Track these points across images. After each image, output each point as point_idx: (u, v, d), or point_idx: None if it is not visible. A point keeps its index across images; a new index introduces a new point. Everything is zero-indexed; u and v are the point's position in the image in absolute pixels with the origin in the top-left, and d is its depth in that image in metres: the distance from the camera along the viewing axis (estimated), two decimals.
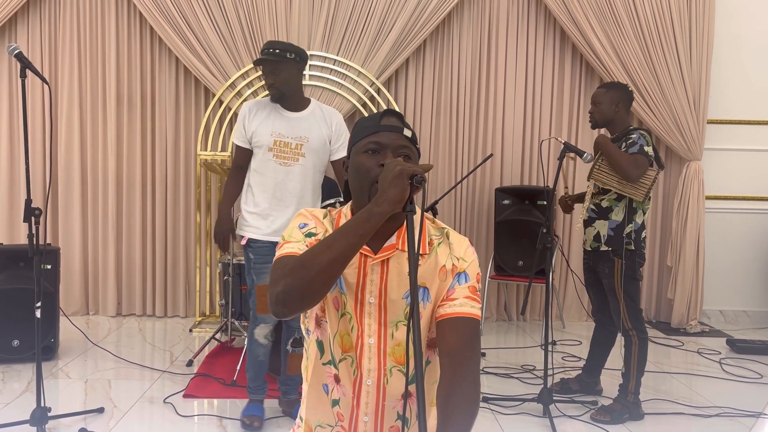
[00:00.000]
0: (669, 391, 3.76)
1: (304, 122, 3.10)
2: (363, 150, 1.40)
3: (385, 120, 1.43)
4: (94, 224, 4.99)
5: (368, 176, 1.38)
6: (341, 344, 1.41)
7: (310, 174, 3.11)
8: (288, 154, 3.06)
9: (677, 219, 5.11)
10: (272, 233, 3.06)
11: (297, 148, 3.07)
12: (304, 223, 1.44)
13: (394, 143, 1.39)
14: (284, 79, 3.03)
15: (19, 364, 3.84)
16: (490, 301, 5.17)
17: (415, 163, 1.42)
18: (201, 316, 4.95)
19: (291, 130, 3.06)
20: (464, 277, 1.41)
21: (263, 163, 3.06)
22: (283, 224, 3.05)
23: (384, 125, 1.41)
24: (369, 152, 1.40)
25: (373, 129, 1.41)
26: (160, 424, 3.12)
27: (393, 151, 1.39)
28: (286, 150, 3.05)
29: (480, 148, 5.13)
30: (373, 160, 1.38)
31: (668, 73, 4.93)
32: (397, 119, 1.43)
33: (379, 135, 1.40)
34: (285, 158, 3.06)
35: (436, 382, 1.41)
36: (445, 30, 5.06)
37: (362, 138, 1.42)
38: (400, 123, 1.43)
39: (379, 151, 1.39)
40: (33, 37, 4.87)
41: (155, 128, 4.98)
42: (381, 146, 1.39)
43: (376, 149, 1.39)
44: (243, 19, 4.77)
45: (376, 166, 1.37)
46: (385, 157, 1.38)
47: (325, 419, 1.47)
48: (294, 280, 1.25)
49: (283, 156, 3.06)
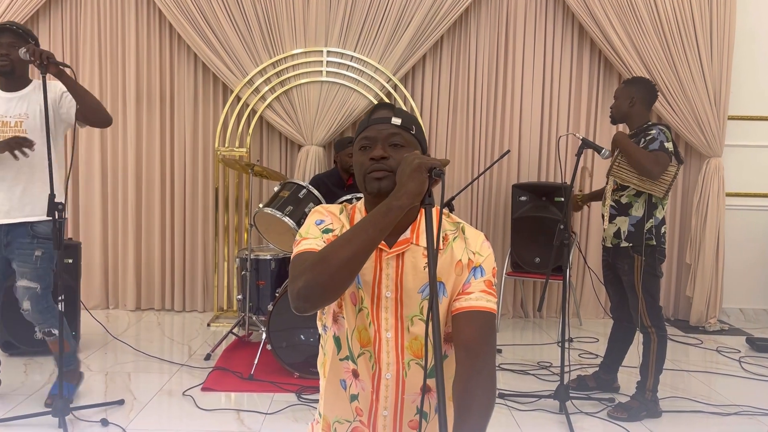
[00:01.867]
0: (687, 389, 3.73)
1: (23, 100, 3.05)
2: (358, 147, 1.45)
3: (375, 114, 1.46)
4: (114, 220, 5.05)
5: (361, 171, 1.42)
6: (359, 339, 1.42)
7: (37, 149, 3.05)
8: (8, 134, 3.01)
9: (696, 216, 5.07)
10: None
11: (17, 125, 3.03)
12: (320, 219, 1.45)
13: (382, 134, 1.42)
14: (16, 58, 2.98)
15: (41, 356, 3.90)
16: (506, 298, 5.16)
17: (416, 148, 1.44)
18: (219, 311, 5.00)
19: (10, 110, 3.01)
20: (480, 271, 1.42)
21: None
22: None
23: (373, 119, 1.44)
24: (362, 149, 1.44)
25: (364, 125, 1.46)
26: (180, 416, 3.16)
27: (383, 143, 1.41)
28: (5, 129, 3.01)
29: (497, 144, 5.11)
30: (365, 156, 1.42)
31: (688, 68, 4.88)
32: (387, 110, 1.45)
33: (368, 130, 1.44)
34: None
35: (453, 376, 1.42)
36: (462, 25, 5.05)
37: (357, 136, 1.47)
38: (389, 113, 1.44)
39: (370, 146, 1.43)
40: (54, 34, 4.94)
41: (174, 125, 5.03)
42: (370, 140, 1.43)
43: (367, 145, 1.43)
44: (261, 16, 4.79)
45: (368, 161, 1.41)
46: (375, 150, 1.41)
47: (343, 415, 1.48)
48: (315, 275, 1.26)
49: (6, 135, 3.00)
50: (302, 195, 3.83)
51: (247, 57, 4.81)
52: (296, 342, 3.62)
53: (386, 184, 1.37)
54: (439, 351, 1.20)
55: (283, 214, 3.72)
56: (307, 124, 4.85)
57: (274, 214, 3.73)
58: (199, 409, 3.24)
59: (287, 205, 3.77)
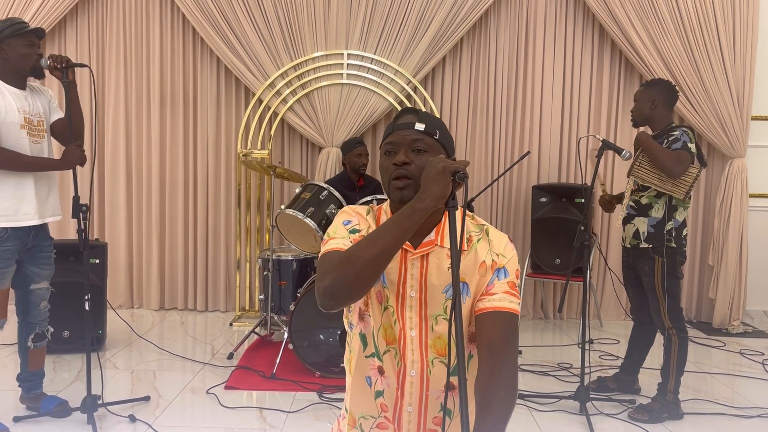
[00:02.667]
0: (710, 392, 3.71)
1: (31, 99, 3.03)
2: (383, 152, 1.49)
3: (400, 119, 1.49)
4: (138, 221, 5.14)
5: (385, 176, 1.46)
6: (385, 337, 1.46)
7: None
8: (37, 133, 3.01)
9: (719, 217, 5.03)
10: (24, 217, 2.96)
11: (39, 124, 3.04)
12: (348, 220, 1.49)
13: (406, 140, 1.45)
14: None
15: (69, 354, 3.99)
16: (526, 299, 5.16)
17: (439, 152, 1.47)
18: (241, 311, 5.06)
19: (27, 107, 2.98)
20: (503, 272, 1.44)
21: (16, 140, 2.89)
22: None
23: (398, 125, 1.48)
24: (386, 154, 1.47)
25: (388, 131, 1.50)
26: (204, 413, 3.22)
27: (406, 148, 1.44)
28: (30, 127, 2.97)
29: (517, 145, 5.12)
30: (389, 161, 1.46)
31: (711, 69, 4.84)
32: (412, 116, 1.49)
33: (393, 135, 1.47)
34: (36, 137, 2.98)
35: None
36: (482, 28, 5.07)
37: (383, 140, 1.51)
38: (413, 118, 1.48)
39: (394, 151, 1.46)
40: (81, 39, 5.05)
41: (197, 127, 5.11)
42: (395, 146, 1.46)
43: (391, 150, 1.47)
44: (282, 20, 4.85)
45: (391, 166, 1.44)
46: (399, 155, 1.44)
47: (368, 411, 1.52)
48: (341, 273, 1.30)
49: (35, 134, 2.98)
50: (323, 197, 3.88)
51: (268, 60, 4.88)
52: (317, 342, 3.66)
53: (408, 194, 1.41)
54: (462, 351, 1.23)
55: (305, 215, 3.77)
56: (327, 127, 4.90)
57: (296, 215, 3.78)
58: (222, 406, 3.30)
59: (309, 206, 3.82)
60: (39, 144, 2.99)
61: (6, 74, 2.92)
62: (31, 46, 2.92)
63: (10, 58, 2.89)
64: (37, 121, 3.00)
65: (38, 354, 3.17)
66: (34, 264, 3.06)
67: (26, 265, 3.02)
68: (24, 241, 2.96)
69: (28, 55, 2.91)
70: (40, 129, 3.00)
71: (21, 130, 2.89)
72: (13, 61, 2.89)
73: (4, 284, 2.89)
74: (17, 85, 2.95)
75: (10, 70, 2.92)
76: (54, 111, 3.14)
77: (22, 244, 2.96)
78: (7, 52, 2.88)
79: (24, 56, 2.90)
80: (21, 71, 2.94)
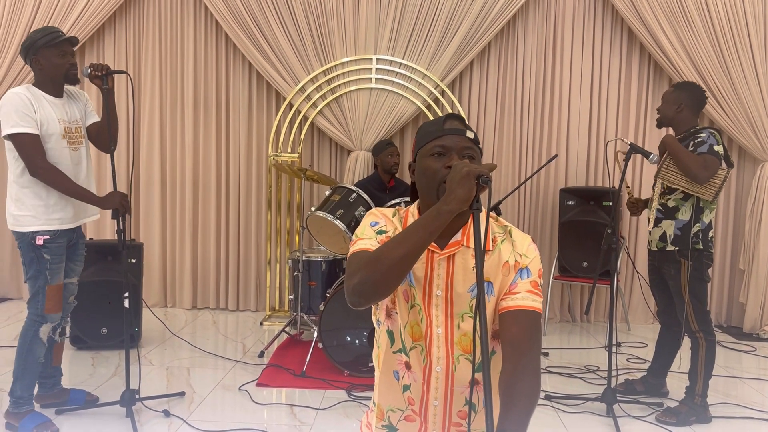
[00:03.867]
0: (740, 396, 3.69)
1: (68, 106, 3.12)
2: (429, 153, 1.50)
3: (448, 124, 1.53)
4: (172, 222, 5.29)
5: (435, 178, 1.48)
6: (411, 334, 1.52)
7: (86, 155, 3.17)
8: (76, 140, 3.10)
9: (750, 221, 4.97)
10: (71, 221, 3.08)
11: (77, 131, 3.11)
12: (375, 221, 1.55)
13: (458, 145, 1.49)
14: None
15: (107, 350, 4.13)
16: (553, 302, 5.17)
17: (479, 162, 1.52)
18: (271, 310, 5.17)
19: (65, 115, 3.07)
20: (526, 272, 1.49)
21: (58, 150, 3.00)
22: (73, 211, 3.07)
23: (448, 129, 1.51)
24: (435, 155, 1.50)
25: (437, 133, 1.52)
26: (236, 409, 3.32)
27: (458, 153, 1.48)
28: (69, 136, 3.06)
29: (545, 148, 5.14)
30: (440, 163, 1.48)
31: (741, 70, 4.80)
32: (459, 122, 1.53)
33: (443, 139, 1.50)
34: (75, 144, 3.08)
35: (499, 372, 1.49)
36: (510, 31, 5.10)
37: (428, 142, 1.52)
38: (462, 126, 1.53)
39: (445, 153, 1.49)
40: (119, 46, 5.21)
41: (229, 131, 5.23)
42: (446, 149, 1.49)
43: (441, 152, 1.49)
44: (312, 26, 4.95)
45: (443, 168, 1.47)
46: (451, 159, 1.48)
47: (396, 404, 1.58)
48: (369, 273, 1.37)
49: (74, 142, 3.08)
50: (352, 199, 3.95)
51: (299, 65, 4.98)
52: (346, 341, 3.73)
53: None
54: (486, 348, 1.28)
55: (335, 217, 3.85)
56: (356, 130, 4.98)
57: (326, 217, 3.86)
58: (254, 403, 3.39)
59: (338, 208, 3.90)
60: (78, 150, 3.10)
61: (44, 83, 3.01)
62: (64, 56, 3.00)
63: (45, 68, 2.98)
64: (75, 128, 3.10)
65: (60, 348, 3.30)
66: (71, 260, 3.19)
67: (65, 261, 3.14)
68: (70, 239, 3.11)
69: (61, 65, 2.99)
70: (78, 135, 3.12)
71: (62, 140, 3.00)
72: (47, 70, 2.98)
73: (59, 278, 3.03)
74: (55, 93, 3.04)
75: (47, 79, 3.01)
76: (90, 115, 3.24)
77: (69, 241, 3.11)
78: (42, 62, 2.97)
79: (57, 66, 2.98)
80: (56, 79, 3.03)
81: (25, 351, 2.98)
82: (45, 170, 2.91)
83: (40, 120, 2.93)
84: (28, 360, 2.98)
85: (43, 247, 2.95)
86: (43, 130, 2.94)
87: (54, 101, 3.03)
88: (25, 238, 2.96)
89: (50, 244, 2.97)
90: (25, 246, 2.97)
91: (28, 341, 2.98)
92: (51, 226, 2.98)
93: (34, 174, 2.92)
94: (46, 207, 2.97)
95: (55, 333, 3.16)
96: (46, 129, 2.95)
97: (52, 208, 2.99)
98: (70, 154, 3.05)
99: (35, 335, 2.98)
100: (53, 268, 2.99)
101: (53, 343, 3.19)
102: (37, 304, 2.98)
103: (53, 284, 2.99)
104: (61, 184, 2.96)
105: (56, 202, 3.00)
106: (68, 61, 3.02)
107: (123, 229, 3.06)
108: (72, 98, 3.16)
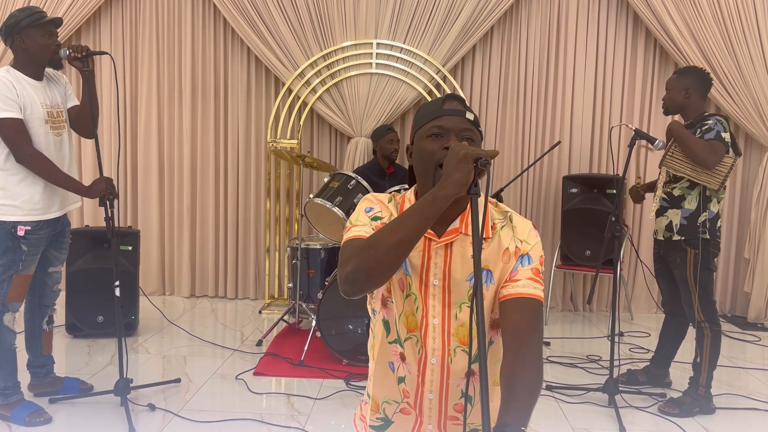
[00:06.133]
0: (744, 387, 3.63)
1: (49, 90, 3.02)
2: (426, 135, 1.43)
3: (447, 104, 1.45)
4: (170, 209, 5.23)
5: (432, 160, 1.41)
6: (406, 324, 1.46)
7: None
8: (58, 124, 3.00)
9: (756, 209, 4.90)
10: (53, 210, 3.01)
11: (59, 115, 3.01)
12: (370, 207, 1.49)
13: (457, 126, 1.41)
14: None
15: (103, 338, 4.09)
16: (555, 291, 5.12)
17: (478, 145, 1.44)
18: (270, 299, 5.12)
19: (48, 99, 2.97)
20: (527, 259, 1.43)
21: (42, 135, 2.90)
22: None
23: (446, 109, 1.43)
24: (432, 136, 1.42)
25: (436, 114, 1.44)
26: (233, 398, 3.28)
27: (456, 135, 1.41)
28: (51, 120, 2.96)
29: (547, 135, 5.06)
30: (437, 144, 1.41)
31: (749, 56, 4.71)
32: (459, 103, 1.45)
33: (441, 119, 1.42)
34: (58, 128, 2.98)
35: (499, 361, 1.44)
36: (512, 16, 5.01)
37: (425, 123, 1.45)
38: (462, 107, 1.45)
39: (443, 135, 1.42)
40: (115, 31, 5.13)
41: (228, 117, 5.16)
42: (444, 130, 1.42)
43: (439, 133, 1.42)
44: (312, 10, 4.86)
45: (440, 150, 1.40)
46: (449, 140, 1.40)
47: (391, 396, 1.52)
48: (362, 260, 1.30)
49: (57, 127, 2.98)
50: (351, 186, 3.89)
51: (298, 50, 4.90)
52: (345, 330, 3.69)
53: None
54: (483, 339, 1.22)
55: (333, 204, 3.79)
56: (356, 116, 4.91)
57: (324, 204, 3.80)
58: (251, 392, 3.35)
59: (337, 195, 3.84)
60: (60, 135, 3.00)
61: (25, 65, 2.89)
62: (50, 36, 2.89)
63: (29, 49, 2.86)
64: (57, 112, 2.99)
65: (50, 337, 3.23)
66: (56, 248, 3.10)
67: (48, 250, 3.05)
68: (53, 229, 3.02)
69: (47, 46, 2.88)
70: (60, 120, 3.01)
71: (45, 124, 2.90)
72: (32, 51, 2.86)
73: (31, 269, 2.94)
74: (35, 76, 2.92)
75: (29, 60, 2.88)
76: (70, 98, 3.12)
77: (51, 232, 3.02)
78: (27, 42, 2.85)
79: (43, 47, 2.87)
80: (40, 62, 2.91)
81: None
82: (32, 157, 2.83)
83: (23, 104, 2.82)
84: (0, 351, 2.91)
85: (23, 237, 2.87)
86: (27, 114, 2.83)
87: (35, 84, 2.91)
88: (4, 227, 2.86)
89: (30, 235, 2.88)
90: (3, 234, 2.86)
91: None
92: (34, 217, 2.89)
93: (21, 161, 2.83)
94: (30, 196, 2.88)
95: (42, 322, 3.12)
96: (29, 113, 2.84)
97: (38, 197, 2.90)
98: (53, 139, 2.95)
99: (1, 325, 2.89)
100: (28, 259, 2.90)
101: (42, 333, 3.15)
102: (0, 292, 2.89)
103: (23, 274, 2.91)
104: (48, 172, 2.87)
105: (42, 190, 2.91)
106: (54, 42, 2.92)
107: (112, 216, 2.97)
108: (52, 81, 3.04)
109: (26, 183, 2.88)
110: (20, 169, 2.86)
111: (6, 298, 2.89)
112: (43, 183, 2.91)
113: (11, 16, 2.88)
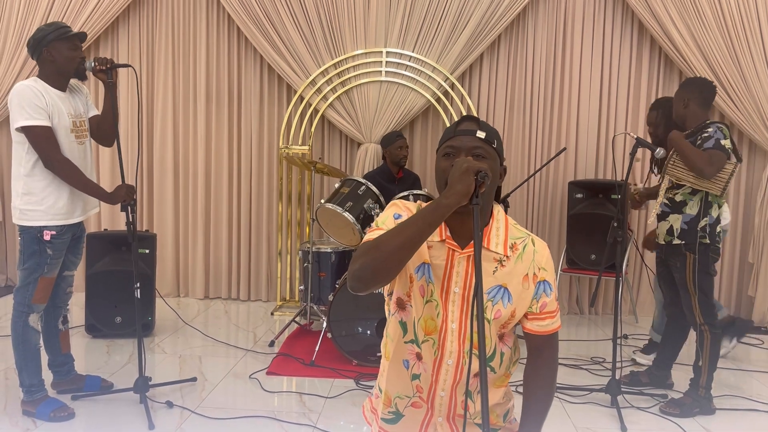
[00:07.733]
0: (745, 389, 3.71)
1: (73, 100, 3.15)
2: (442, 154, 1.58)
3: (461, 126, 1.59)
4: (185, 213, 5.37)
5: (443, 176, 1.55)
6: (425, 327, 1.57)
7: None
8: (81, 133, 3.12)
9: (760, 214, 4.97)
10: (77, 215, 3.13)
11: (81, 124, 3.14)
12: (398, 214, 1.61)
13: (467, 145, 1.54)
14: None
15: (121, 339, 4.22)
16: (561, 295, 5.20)
17: (493, 161, 1.56)
18: (281, 301, 5.24)
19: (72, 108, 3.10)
20: (548, 287, 1.59)
21: (67, 144, 3.03)
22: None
23: (459, 130, 1.57)
24: (446, 155, 1.57)
25: (450, 135, 1.58)
26: (247, 397, 3.39)
27: (466, 153, 1.54)
28: (75, 130, 3.09)
29: (553, 141, 5.15)
30: (448, 162, 1.55)
31: (753, 64, 4.78)
32: (472, 123, 1.58)
33: (454, 140, 1.56)
34: (81, 137, 3.11)
35: (508, 368, 1.66)
36: (519, 24, 5.11)
37: (442, 144, 1.60)
38: (474, 126, 1.57)
39: (454, 154, 1.55)
40: (132, 39, 5.28)
41: (241, 123, 5.29)
42: (455, 149, 1.55)
43: (451, 153, 1.56)
44: (323, 19, 4.99)
45: (450, 167, 1.53)
46: (458, 158, 1.53)
47: (404, 391, 1.64)
48: (368, 259, 1.42)
49: (80, 135, 3.11)
50: (361, 191, 4.01)
51: (309, 58, 5.02)
52: (355, 332, 3.79)
53: None
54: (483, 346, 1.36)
55: (344, 209, 3.91)
56: (366, 123, 5.02)
57: (335, 209, 3.92)
58: (264, 391, 3.47)
59: (347, 201, 3.95)
60: (83, 144, 3.13)
61: (51, 76, 3.03)
62: (75, 49, 3.05)
63: (57, 61, 3.01)
64: (80, 122, 3.13)
65: (67, 336, 3.36)
66: (72, 253, 3.23)
67: (66, 254, 3.17)
68: (74, 233, 3.16)
69: (72, 58, 3.03)
70: (83, 129, 3.15)
71: (70, 134, 3.04)
72: (59, 63, 3.01)
73: (55, 272, 3.08)
74: (60, 87, 3.05)
75: (56, 72, 3.03)
76: (91, 108, 3.27)
77: (73, 236, 3.15)
78: (54, 54, 3.00)
79: (69, 59, 3.02)
80: (66, 73, 3.06)
81: (20, 342, 3.04)
82: (61, 163, 2.97)
83: (51, 113, 2.97)
84: (26, 350, 3.04)
85: (49, 242, 3.00)
86: (54, 123, 2.97)
87: (60, 95, 3.05)
88: (31, 231, 2.99)
89: (55, 239, 3.01)
90: (30, 238, 2.99)
91: (21, 332, 3.03)
92: (58, 222, 3.02)
93: (50, 167, 2.96)
94: (55, 201, 3.01)
95: (58, 322, 3.26)
96: (57, 122, 2.98)
97: (62, 202, 3.03)
98: (77, 147, 3.09)
99: (26, 325, 3.03)
100: (52, 262, 3.04)
101: (59, 333, 3.29)
102: (25, 294, 3.02)
103: (47, 276, 3.04)
104: (74, 178, 3.01)
105: (67, 196, 3.04)
106: (79, 54, 3.07)
107: (134, 221, 3.12)
108: (75, 92, 3.19)
109: (51, 189, 3.01)
110: (46, 175, 2.99)
111: (32, 299, 3.02)
112: (67, 189, 3.04)
113: (39, 30, 3.03)
